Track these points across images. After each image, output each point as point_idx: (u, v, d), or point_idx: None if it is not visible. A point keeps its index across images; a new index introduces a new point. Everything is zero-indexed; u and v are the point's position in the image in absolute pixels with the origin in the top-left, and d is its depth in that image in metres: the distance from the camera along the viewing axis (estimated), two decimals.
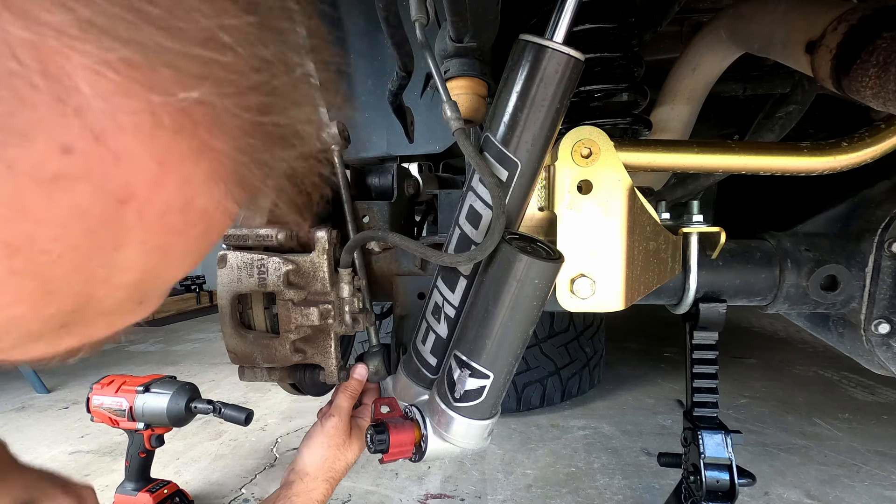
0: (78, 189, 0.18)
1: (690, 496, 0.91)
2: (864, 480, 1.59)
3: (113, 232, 0.20)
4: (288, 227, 0.77)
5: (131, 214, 0.20)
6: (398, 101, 0.95)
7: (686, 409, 0.94)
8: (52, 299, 0.21)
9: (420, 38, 0.68)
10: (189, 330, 4.11)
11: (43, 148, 0.17)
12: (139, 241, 0.21)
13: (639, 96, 0.99)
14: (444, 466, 1.71)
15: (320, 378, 0.82)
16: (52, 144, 0.17)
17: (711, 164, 0.78)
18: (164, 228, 0.22)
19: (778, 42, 0.76)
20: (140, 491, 1.41)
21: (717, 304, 0.86)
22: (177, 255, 0.24)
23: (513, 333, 0.65)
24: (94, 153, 0.18)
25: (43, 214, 0.18)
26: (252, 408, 1.36)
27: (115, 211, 0.20)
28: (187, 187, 0.22)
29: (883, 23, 0.60)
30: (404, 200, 1.00)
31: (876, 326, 0.83)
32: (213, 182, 0.23)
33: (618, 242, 0.75)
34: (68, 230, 0.19)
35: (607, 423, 2.04)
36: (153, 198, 0.21)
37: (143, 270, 0.23)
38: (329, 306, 0.75)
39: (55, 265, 0.20)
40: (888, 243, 0.81)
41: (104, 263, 0.21)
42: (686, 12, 1.22)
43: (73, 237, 0.19)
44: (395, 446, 0.73)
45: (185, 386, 1.39)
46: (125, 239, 0.21)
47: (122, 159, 0.19)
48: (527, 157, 0.65)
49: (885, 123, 0.76)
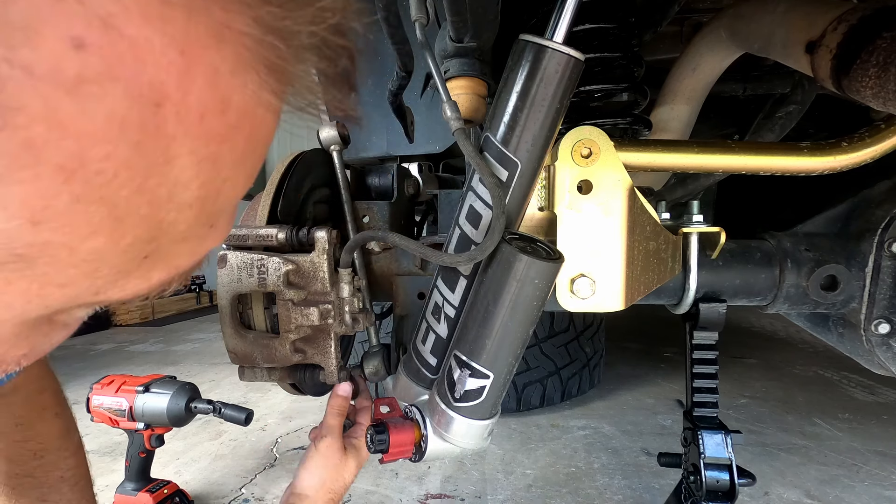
0: (108, 93, 0.17)
1: (690, 496, 0.91)
2: (864, 480, 1.59)
3: (160, 143, 0.19)
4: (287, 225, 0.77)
5: (171, 120, 0.19)
6: (398, 101, 0.95)
7: (686, 409, 0.94)
8: (125, 227, 0.20)
9: (420, 38, 0.68)
10: (189, 330, 4.11)
11: (53, 44, 0.16)
12: (188, 151, 0.20)
13: (639, 96, 0.99)
14: (444, 466, 1.71)
15: (320, 378, 0.82)
16: (61, 38, 0.16)
17: (711, 164, 0.78)
18: (208, 134, 0.21)
19: (778, 42, 0.76)
20: (140, 491, 1.41)
21: (717, 304, 0.86)
22: (229, 166, 0.23)
23: (513, 333, 0.65)
24: (109, 45, 0.17)
25: (84, 128, 0.17)
26: (252, 408, 1.36)
27: (154, 117, 0.19)
28: (218, 80, 0.20)
29: (883, 23, 0.60)
30: (404, 200, 1.00)
31: (876, 326, 0.83)
32: (243, 71, 0.21)
33: (618, 242, 0.75)
34: (116, 145, 0.18)
35: (607, 423, 2.04)
36: (186, 97, 0.19)
37: (200, 185, 0.22)
38: (329, 306, 0.75)
39: (115, 186, 0.19)
40: (888, 243, 0.81)
41: (161, 181, 0.20)
42: (686, 12, 1.22)
43: (123, 152, 0.19)
44: (395, 446, 0.73)
45: (185, 386, 1.39)
46: (174, 150, 0.20)
47: (140, 50, 0.18)
48: (527, 157, 0.65)
49: (885, 123, 0.76)
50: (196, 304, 5.15)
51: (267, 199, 0.80)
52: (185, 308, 5.02)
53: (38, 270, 0.20)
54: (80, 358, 3.22)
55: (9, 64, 0.16)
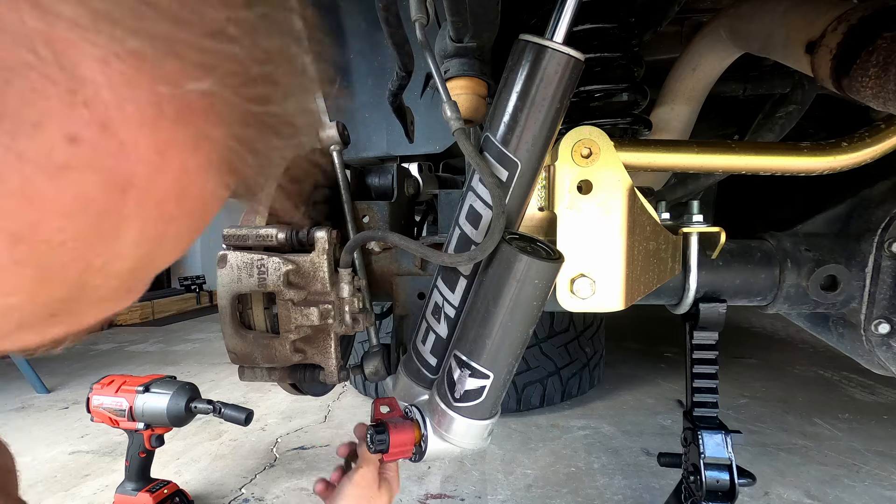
0: (84, 178, 0.19)
1: (690, 496, 0.91)
2: (864, 480, 1.59)
3: (114, 220, 0.21)
4: (287, 225, 0.77)
5: (132, 203, 0.21)
6: (398, 101, 0.95)
7: (686, 409, 0.94)
8: (49, 287, 0.21)
9: (420, 38, 0.68)
10: (189, 330, 4.11)
11: (52, 137, 0.17)
12: (137, 229, 0.22)
13: (639, 96, 0.99)
14: (444, 466, 1.71)
15: (320, 378, 0.82)
16: (60, 134, 0.18)
17: (711, 164, 0.78)
18: (161, 216, 0.22)
19: (778, 42, 0.76)
20: (140, 491, 1.41)
21: (717, 304, 0.86)
22: (170, 242, 0.25)
23: (513, 333, 0.65)
24: (101, 143, 0.18)
25: (49, 204, 0.18)
26: (252, 408, 1.36)
27: (118, 200, 0.20)
28: (184, 176, 0.22)
29: (883, 23, 0.60)
30: (404, 200, 1.00)
31: (876, 326, 0.83)
32: (208, 170, 0.23)
33: (618, 242, 0.75)
34: (73, 219, 0.19)
35: (607, 423, 2.04)
36: (152, 187, 0.21)
37: (138, 258, 0.23)
38: (329, 306, 0.75)
39: (57, 253, 0.20)
40: (888, 243, 0.81)
41: (103, 252, 0.21)
42: (686, 12, 1.22)
43: (78, 226, 0.20)
44: (395, 446, 0.73)
45: (185, 386, 1.39)
46: (125, 227, 0.21)
47: (126, 149, 0.19)
48: (527, 157, 0.65)
49: (885, 123, 0.76)
50: (196, 304, 5.15)
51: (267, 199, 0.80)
52: (185, 308, 5.02)
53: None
54: (80, 358, 3.22)
55: (5, 149, 0.17)
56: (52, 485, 1.64)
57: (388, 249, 0.91)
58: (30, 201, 0.18)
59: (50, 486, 1.64)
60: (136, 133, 0.19)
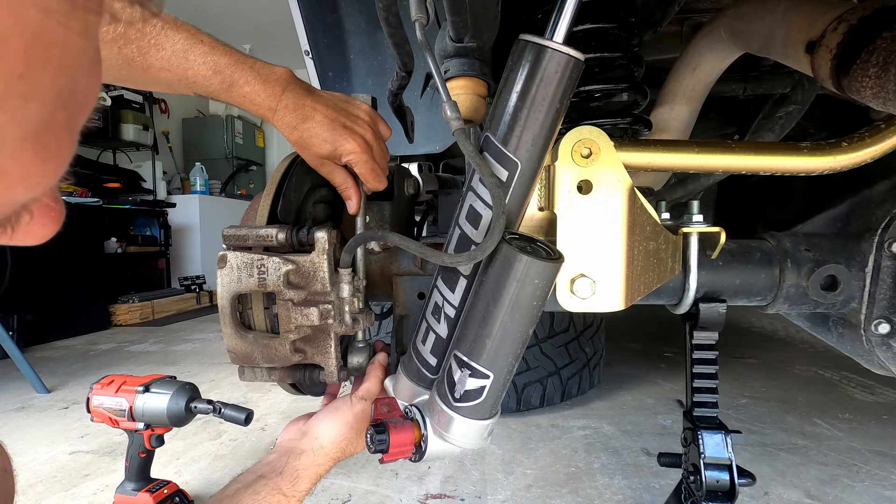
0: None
1: (690, 496, 0.91)
2: (864, 480, 1.59)
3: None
4: (287, 225, 0.77)
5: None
6: (398, 101, 0.95)
7: (686, 409, 0.94)
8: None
9: (420, 38, 0.68)
10: (189, 330, 4.11)
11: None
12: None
13: (639, 96, 0.99)
14: (444, 466, 1.71)
15: (320, 378, 0.82)
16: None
17: (711, 164, 0.78)
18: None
19: (778, 42, 0.76)
20: (140, 491, 1.41)
21: (717, 304, 0.86)
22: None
23: (513, 333, 0.65)
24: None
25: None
26: (252, 408, 1.36)
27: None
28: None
29: (883, 23, 0.60)
30: (404, 200, 1.00)
31: (876, 326, 0.83)
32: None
33: (618, 242, 0.75)
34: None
35: (607, 423, 2.04)
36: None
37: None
38: (329, 306, 0.75)
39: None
40: (888, 243, 0.81)
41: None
42: (686, 12, 1.22)
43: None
44: (395, 446, 0.73)
45: (185, 386, 1.39)
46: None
47: None
48: (527, 157, 0.65)
49: (885, 123, 0.76)
50: (196, 304, 5.15)
51: (267, 199, 0.80)
52: (185, 308, 5.02)
53: None
54: (80, 358, 3.22)
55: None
56: (52, 485, 1.64)
57: (388, 249, 0.91)
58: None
59: (50, 486, 1.64)
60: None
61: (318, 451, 0.76)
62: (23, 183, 0.23)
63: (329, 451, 0.77)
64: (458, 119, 0.66)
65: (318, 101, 0.76)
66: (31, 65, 0.20)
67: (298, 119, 0.75)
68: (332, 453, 0.77)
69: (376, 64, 1.38)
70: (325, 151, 0.77)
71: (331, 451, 0.77)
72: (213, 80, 0.70)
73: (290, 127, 0.75)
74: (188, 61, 0.69)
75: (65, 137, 0.24)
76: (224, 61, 0.70)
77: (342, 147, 0.76)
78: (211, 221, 5.61)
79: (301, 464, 0.74)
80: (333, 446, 0.77)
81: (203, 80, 0.70)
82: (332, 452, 0.77)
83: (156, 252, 5.16)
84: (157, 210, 5.12)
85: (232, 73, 0.71)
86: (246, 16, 5.70)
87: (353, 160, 0.78)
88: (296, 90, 0.75)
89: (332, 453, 0.77)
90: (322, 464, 0.76)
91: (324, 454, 0.77)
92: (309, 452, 0.76)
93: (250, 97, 0.73)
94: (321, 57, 1.43)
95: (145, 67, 0.68)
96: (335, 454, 0.78)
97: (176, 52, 0.68)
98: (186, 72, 0.69)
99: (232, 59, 0.71)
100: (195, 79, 0.70)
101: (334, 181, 0.82)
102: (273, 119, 0.75)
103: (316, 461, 0.76)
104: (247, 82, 0.72)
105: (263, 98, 0.73)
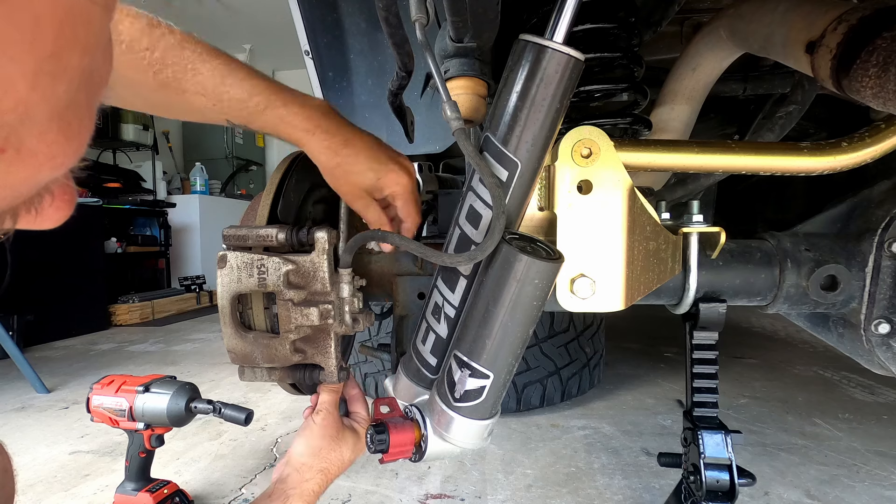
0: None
1: (690, 496, 0.91)
2: (864, 480, 1.59)
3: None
4: (287, 225, 0.77)
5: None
6: (398, 101, 0.95)
7: (686, 409, 0.94)
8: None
9: (420, 38, 0.68)
10: (189, 330, 4.10)
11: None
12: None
13: (639, 96, 0.99)
14: (444, 466, 1.71)
15: (320, 378, 0.82)
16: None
17: (711, 164, 0.78)
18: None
19: (778, 42, 0.76)
20: (140, 491, 1.41)
21: (717, 304, 0.86)
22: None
23: (513, 333, 0.65)
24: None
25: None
26: (252, 408, 1.36)
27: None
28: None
29: (883, 23, 0.60)
30: None
31: (876, 326, 0.83)
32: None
33: (618, 242, 0.75)
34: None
35: (607, 423, 2.04)
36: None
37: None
38: (329, 306, 0.75)
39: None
40: (888, 243, 0.81)
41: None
42: (686, 12, 1.22)
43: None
44: (395, 446, 0.73)
45: (185, 386, 1.39)
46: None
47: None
48: (527, 157, 0.65)
49: (885, 123, 0.76)
50: (196, 304, 5.15)
51: (267, 199, 0.80)
52: (185, 308, 5.02)
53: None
54: (80, 358, 3.22)
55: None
56: (52, 485, 1.64)
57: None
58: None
59: (50, 486, 1.64)
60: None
61: (301, 468, 0.78)
62: (50, 163, 0.22)
63: (312, 464, 0.78)
64: (458, 119, 0.66)
65: (357, 129, 0.74)
66: (61, 44, 0.19)
67: (339, 143, 0.71)
68: (315, 465, 0.78)
69: (376, 64, 1.38)
70: (366, 181, 0.73)
71: (313, 463, 0.78)
72: (248, 102, 0.69)
73: (330, 151, 0.72)
74: (225, 85, 0.68)
75: (85, 117, 0.24)
76: (262, 85, 0.69)
77: (388, 177, 0.73)
78: (211, 221, 5.61)
79: (288, 484, 0.76)
80: (313, 458, 0.78)
81: (238, 103, 0.69)
82: (315, 465, 0.78)
83: (156, 252, 5.16)
84: (157, 210, 5.12)
85: (269, 95, 0.69)
86: (246, 16, 5.69)
87: (399, 192, 0.74)
88: (335, 117, 0.73)
89: (315, 465, 0.78)
90: (310, 478, 0.77)
91: (307, 468, 0.78)
92: (293, 473, 0.77)
93: (287, 118, 0.70)
94: (321, 57, 1.43)
95: (180, 91, 0.67)
96: (319, 465, 0.79)
97: (213, 76, 0.67)
98: (222, 96, 0.68)
99: (269, 84, 0.70)
100: (230, 103, 0.69)
101: (367, 217, 0.77)
102: (309, 142, 0.72)
103: (303, 477, 0.77)
104: (283, 103, 0.70)
105: (301, 119, 0.70)
